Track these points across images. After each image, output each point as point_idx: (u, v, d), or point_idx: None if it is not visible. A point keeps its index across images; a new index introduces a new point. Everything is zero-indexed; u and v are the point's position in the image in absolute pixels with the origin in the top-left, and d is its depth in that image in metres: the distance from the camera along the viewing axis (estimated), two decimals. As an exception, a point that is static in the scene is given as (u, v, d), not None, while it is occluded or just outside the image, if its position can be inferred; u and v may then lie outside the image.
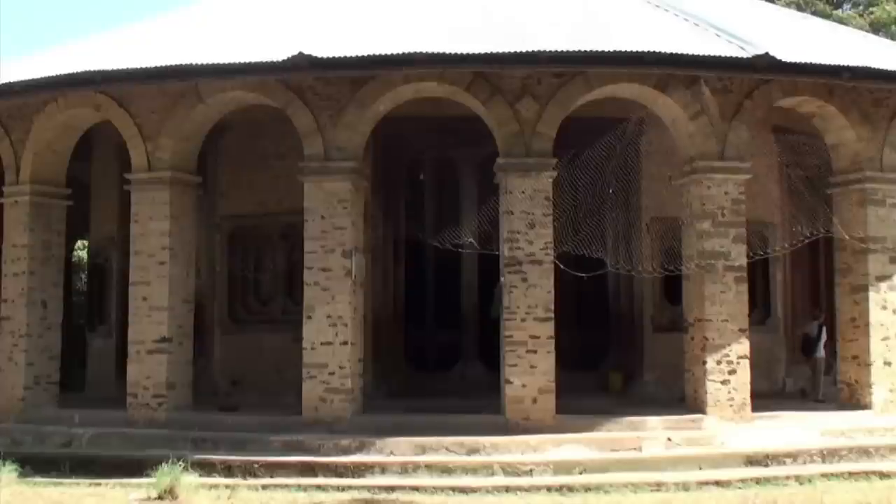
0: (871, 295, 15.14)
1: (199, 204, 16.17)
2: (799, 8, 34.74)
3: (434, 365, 18.11)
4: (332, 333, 14.21)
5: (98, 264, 20.66)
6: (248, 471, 12.86)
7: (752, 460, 13.27)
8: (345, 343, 14.22)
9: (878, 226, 15.25)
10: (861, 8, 39.15)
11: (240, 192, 17.89)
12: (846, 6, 39.95)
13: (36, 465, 13.38)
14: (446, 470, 12.78)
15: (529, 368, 13.94)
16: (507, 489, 12.25)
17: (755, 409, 14.40)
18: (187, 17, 18.77)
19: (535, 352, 13.96)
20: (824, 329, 16.90)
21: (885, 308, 15.19)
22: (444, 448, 13.21)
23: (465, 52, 13.42)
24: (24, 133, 16.10)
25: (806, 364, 17.35)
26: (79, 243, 26.71)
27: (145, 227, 15.12)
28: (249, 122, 16.66)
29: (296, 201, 14.80)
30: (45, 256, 16.16)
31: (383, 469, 12.85)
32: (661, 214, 16.88)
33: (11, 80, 15.07)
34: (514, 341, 14.03)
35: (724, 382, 14.30)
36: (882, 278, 15.18)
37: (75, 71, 14.52)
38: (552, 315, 14.05)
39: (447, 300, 18.13)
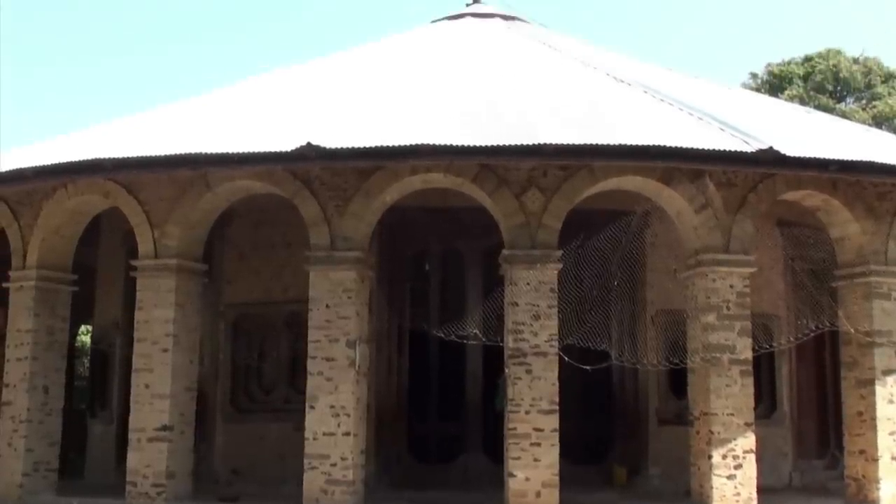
0: (878, 389, 14.99)
1: (204, 291, 16.15)
2: (802, 102, 35.15)
3: (437, 456, 17.86)
4: (334, 424, 14.09)
5: (101, 349, 20.56)
6: (247, 563, 12.73)
7: (758, 557, 13.11)
8: (347, 434, 14.10)
9: (883, 319, 15.17)
10: (864, 102, 39.56)
11: (245, 280, 17.89)
12: (849, 100, 40.37)
13: (33, 553, 13.29)
14: (448, 564, 12.64)
15: (533, 461, 13.79)
16: (510, 585, 12.09)
17: (761, 504, 14.25)
18: (196, 105, 18.96)
19: (538, 444, 13.82)
20: None
21: (891, 402, 15.03)
22: (447, 542, 13.06)
23: (471, 143, 13.49)
24: (33, 218, 16.17)
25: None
26: (82, 328, 26.64)
27: (149, 313, 15.11)
28: (255, 209, 16.74)
29: (301, 290, 14.80)
30: (49, 342, 16.11)
31: (384, 562, 12.71)
32: (667, 307, 16.79)
33: (22, 167, 15.14)
34: (517, 434, 13.90)
35: (729, 477, 14.13)
36: (888, 372, 15.05)
37: (85, 158, 14.61)
38: (557, 407, 13.95)
39: (451, 391, 17.97)
